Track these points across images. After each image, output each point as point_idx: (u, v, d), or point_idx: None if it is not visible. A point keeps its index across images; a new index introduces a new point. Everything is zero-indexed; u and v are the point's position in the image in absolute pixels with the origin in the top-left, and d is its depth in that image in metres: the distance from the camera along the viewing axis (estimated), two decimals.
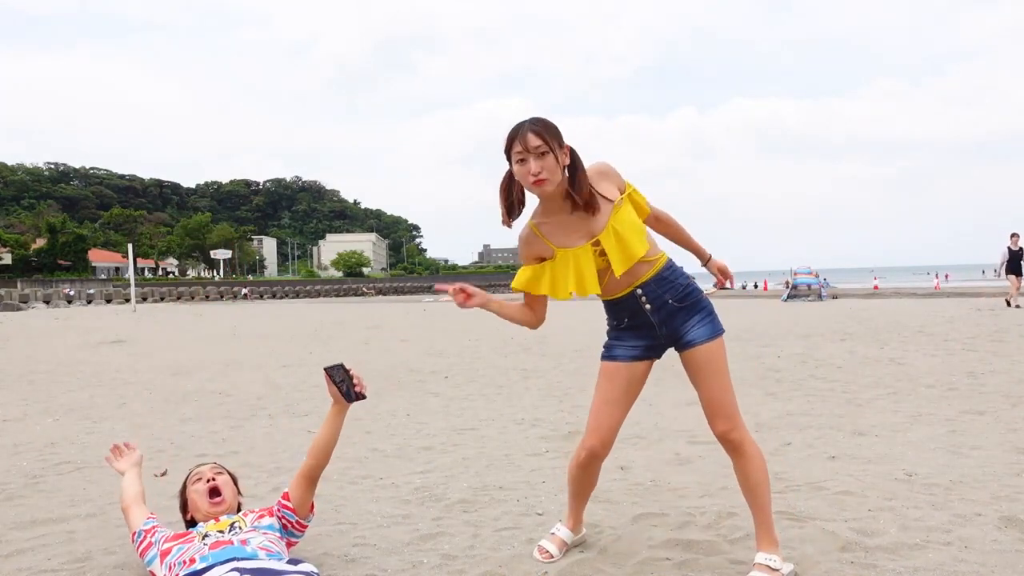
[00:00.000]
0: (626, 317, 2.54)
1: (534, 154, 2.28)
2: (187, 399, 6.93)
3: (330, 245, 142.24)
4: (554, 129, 2.33)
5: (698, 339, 2.47)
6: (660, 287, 2.47)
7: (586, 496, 2.82)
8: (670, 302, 2.47)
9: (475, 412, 5.86)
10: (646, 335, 2.54)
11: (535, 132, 2.29)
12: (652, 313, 2.49)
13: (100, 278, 75.74)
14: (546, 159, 2.29)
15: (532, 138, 2.28)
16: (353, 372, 2.71)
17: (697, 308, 2.50)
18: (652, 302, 2.48)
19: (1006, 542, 2.73)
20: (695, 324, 2.48)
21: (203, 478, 2.71)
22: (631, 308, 2.51)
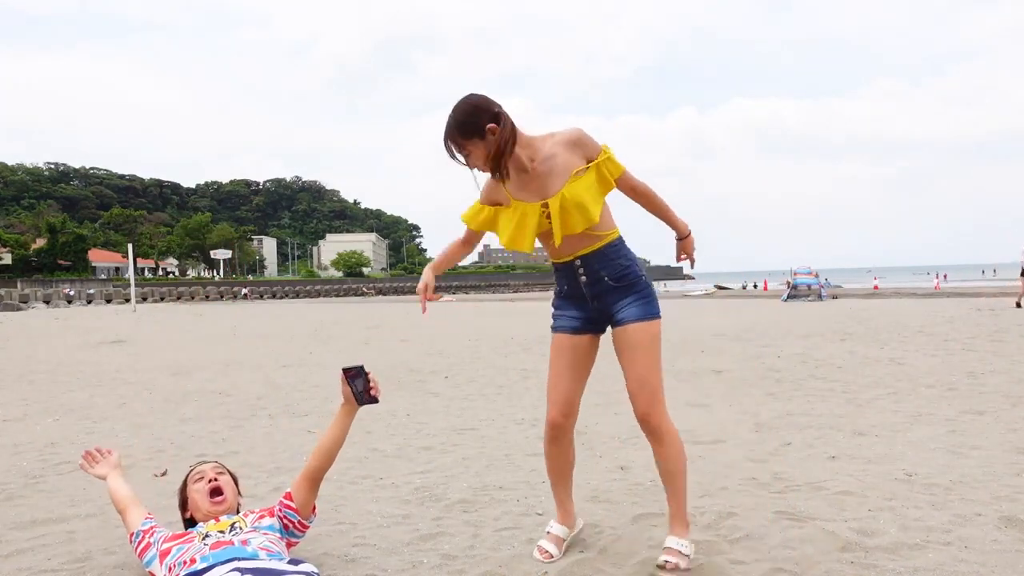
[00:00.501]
0: (565, 285, 2.65)
1: (462, 154, 2.45)
2: (187, 399, 6.93)
3: (330, 245, 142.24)
4: (464, 126, 2.41)
5: (628, 318, 2.53)
6: (599, 262, 2.55)
7: (566, 478, 2.81)
8: (606, 279, 2.55)
9: (475, 412, 5.86)
10: (581, 306, 2.63)
11: (448, 142, 2.45)
12: (586, 286, 2.58)
13: (100, 278, 75.74)
14: (472, 156, 2.45)
15: (451, 147, 2.46)
16: (371, 375, 2.74)
17: (633, 290, 2.56)
18: (588, 275, 2.56)
19: (1006, 542, 2.73)
20: (628, 304, 2.54)
21: (205, 477, 2.71)
22: (568, 277, 2.61)
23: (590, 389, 8.46)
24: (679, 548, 2.54)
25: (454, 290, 77.06)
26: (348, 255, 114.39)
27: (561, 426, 2.68)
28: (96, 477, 2.98)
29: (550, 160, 2.47)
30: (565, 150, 2.47)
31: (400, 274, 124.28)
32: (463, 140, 2.41)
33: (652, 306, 2.56)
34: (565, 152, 2.47)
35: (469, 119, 2.40)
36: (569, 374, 2.66)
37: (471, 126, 2.40)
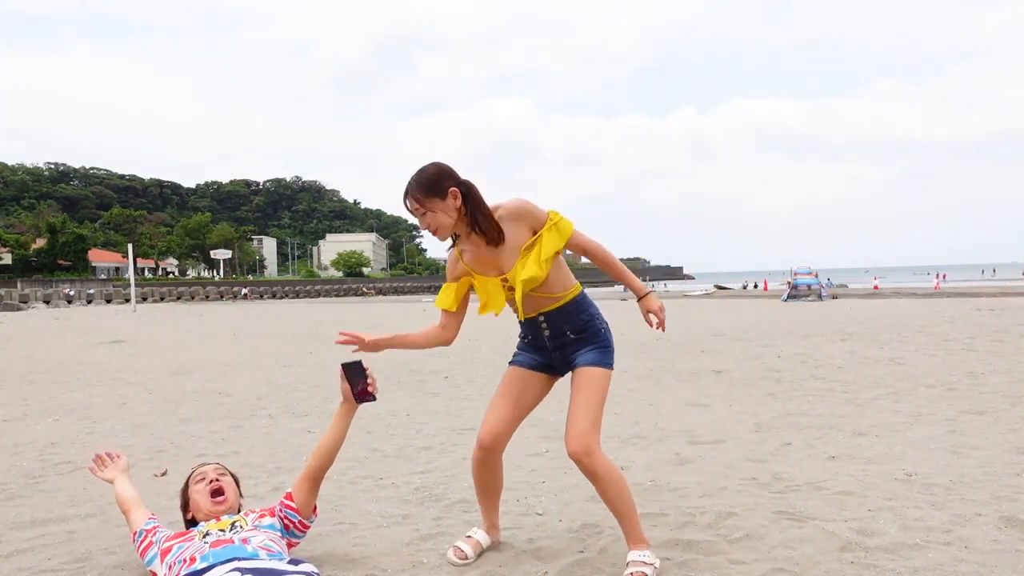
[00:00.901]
0: (529, 335, 2.77)
1: (417, 215, 2.51)
2: (187, 399, 6.93)
3: (330, 245, 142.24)
4: (427, 185, 2.46)
5: (582, 362, 2.62)
6: (561, 318, 2.65)
7: (492, 495, 2.86)
8: (568, 333, 2.66)
9: (475, 412, 5.86)
10: (544, 355, 2.74)
11: (409, 198, 2.50)
12: (549, 339, 2.69)
13: (100, 278, 75.74)
14: (428, 217, 2.49)
15: (410, 203, 2.51)
16: (369, 371, 2.73)
17: (592, 340, 2.65)
18: (551, 329, 2.67)
19: (1006, 542, 2.73)
20: (585, 351, 2.64)
21: (206, 478, 2.71)
22: (532, 330, 2.73)
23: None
24: (642, 559, 2.54)
25: None
26: (348, 255, 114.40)
27: (489, 449, 2.72)
28: (104, 481, 2.98)
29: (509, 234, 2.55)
30: (511, 224, 2.52)
31: (400, 274, 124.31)
32: (423, 197, 2.46)
33: (608, 357, 2.64)
34: (511, 226, 2.52)
35: (432, 179, 2.46)
36: (511, 403, 2.73)
37: (434, 186, 2.46)
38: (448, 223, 2.49)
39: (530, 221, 2.55)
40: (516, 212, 2.53)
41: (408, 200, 2.50)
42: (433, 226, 2.50)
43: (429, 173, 2.47)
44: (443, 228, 2.50)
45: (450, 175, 2.48)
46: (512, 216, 2.52)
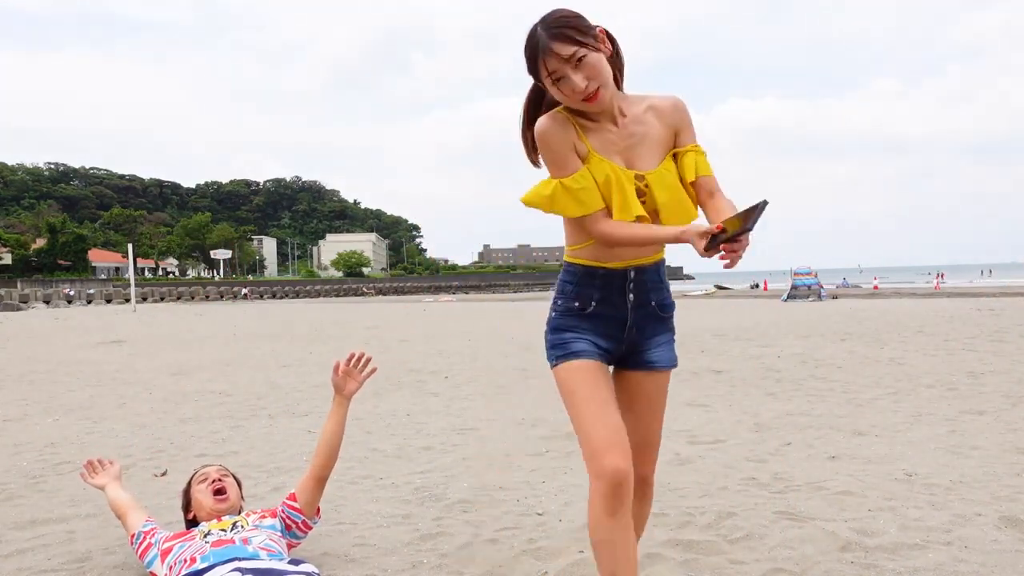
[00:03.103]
0: (596, 298, 1.94)
1: (571, 64, 1.75)
2: (187, 399, 6.93)
3: (330, 245, 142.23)
4: (580, 21, 1.78)
5: (660, 362, 2.02)
6: (652, 280, 1.98)
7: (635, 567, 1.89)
8: (653, 304, 1.99)
9: (475, 412, 5.86)
10: (611, 333, 1.97)
11: (562, 39, 1.75)
12: (633, 307, 1.96)
13: (100, 278, 75.75)
14: (587, 62, 1.75)
15: (561, 47, 1.74)
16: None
17: (670, 326, 2.08)
18: (638, 294, 1.95)
19: (1006, 542, 2.73)
20: (663, 343, 2.03)
21: (209, 478, 2.72)
22: (608, 290, 1.94)
23: None
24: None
25: (454, 290, 77.03)
26: (348, 255, 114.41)
27: (626, 476, 1.80)
28: (95, 487, 2.97)
29: (641, 125, 1.90)
30: (659, 120, 1.91)
31: (400, 274, 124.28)
32: (580, 35, 1.75)
33: (675, 351, 2.09)
34: (659, 123, 1.91)
35: (578, 17, 1.79)
36: (614, 407, 1.91)
37: (584, 21, 1.79)
38: (610, 74, 1.80)
39: (680, 130, 1.93)
40: (671, 109, 1.92)
41: (554, 47, 1.75)
42: (596, 75, 1.77)
43: (568, 11, 1.80)
44: (607, 81, 1.79)
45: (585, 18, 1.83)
46: (664, 112, 1.92)
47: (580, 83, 1.76)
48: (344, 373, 2.72)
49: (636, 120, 1.91)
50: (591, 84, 1.77)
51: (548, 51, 1.75)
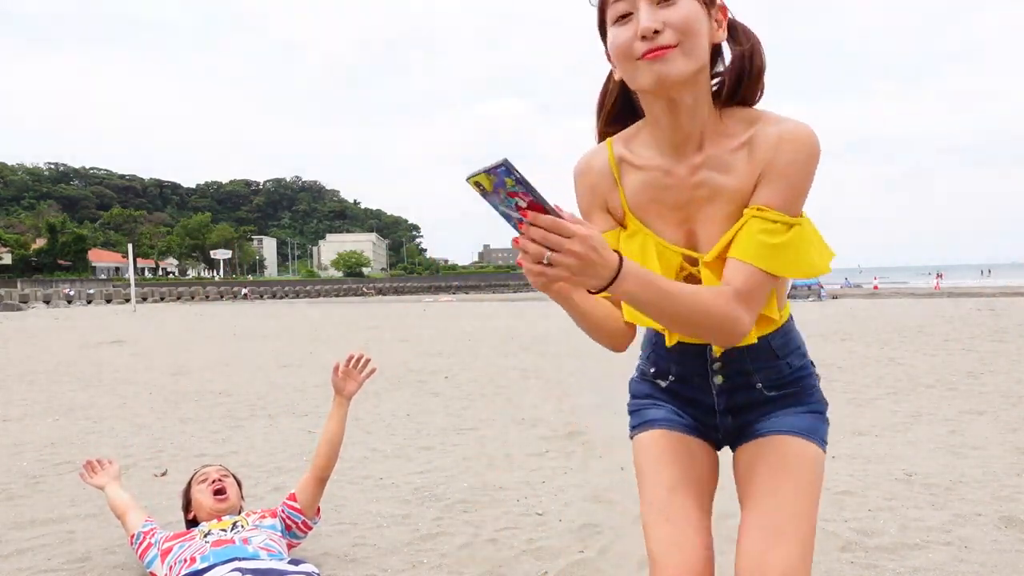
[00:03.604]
0: (675, 372, 1.50)
1: (647, 4, 1.17)
2: (187, 399, 6.93)
3: (330, 245, 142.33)
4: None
5: (779, 428, 1.42)
6: (754, 361, 1.43)
7: None
8: (758, 386, 1.44)
9: (475, 412, 5.86)
10: (699, 410, 1.50)
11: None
12: (720, 392, 1.46)
13: (100, 278, 75.74)
14: (676, 8, 1.17)
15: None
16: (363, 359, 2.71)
17: (798, 399, 1.46)
18: (728, 376, 1.45)
19: (1006, 542, 2.73)
20: (782, 414, 1.44)
21: (209, 479, 2.72)
22: (689, 366, 1.47)
23: (589, 388, 8.38)
24: None
25: (454, 290, 77.01)
26: (348, 255, 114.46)
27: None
28: (94, 487, 2.97)
29: (722, 171, 1.27)
30: (749, 163, 1.25)
31: (400, 274, 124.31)
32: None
33: (820, 425, 1.45)
34: (748, 168, 1.25)
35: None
36: (693, 492, 1.41)
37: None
38: (700, 50, 1.19)
39: (769, 167, 1.23)
40: (778, 139, 1.23)
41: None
42: (681, 27, 1.17)
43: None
44: (695, 48, 1.18)
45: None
46: (764, 144, 1.24)
47: (648, 21, 1.15)
48: (344, 374, 2.72)
49: (717, 162, 1.27)
50: (666, 33, 1.16)
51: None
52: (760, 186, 1.25)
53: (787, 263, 1.25)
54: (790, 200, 1.24)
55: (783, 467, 1.37)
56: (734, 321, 1.23)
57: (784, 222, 1.23)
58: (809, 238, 1.27)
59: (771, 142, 1.23)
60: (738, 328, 1.24)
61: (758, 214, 1.24)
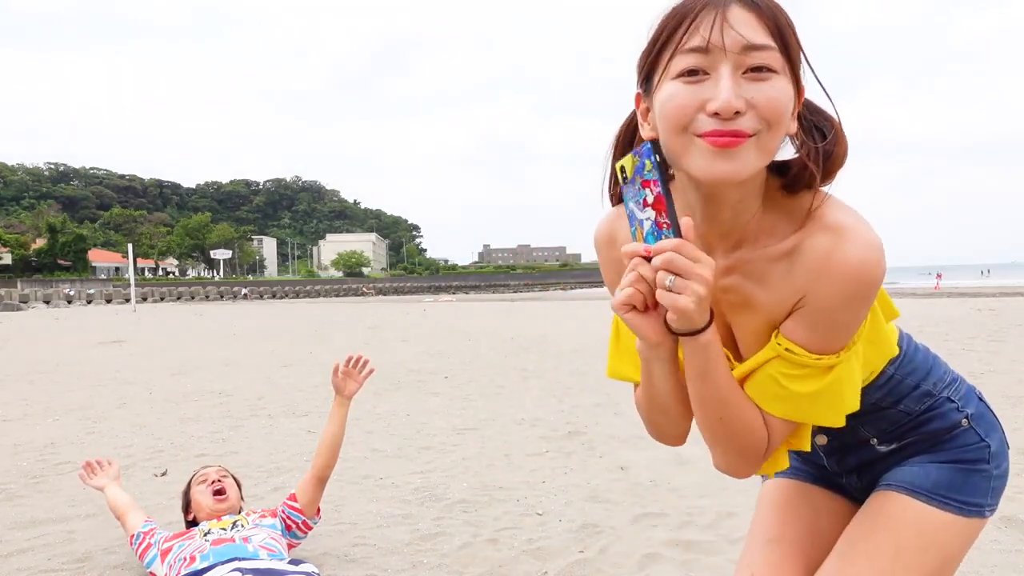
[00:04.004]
0: None
1: (739, 63, 0.91)
2: (187, 399, 6.93)
3: (330, 245, 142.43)
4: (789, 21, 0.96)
5: (894, 481, 1.22)
6: (857, 420, 1.19)
7: None
8: (873, 443, 1.25)
9: (475, 412, 5.86)
10: (822, 470, 1.38)
11: (760, 11, 0.93)
12: (827, 452, 1.32)
13: (100, 278, 75.79)
14: (771, 84, 0.92)
15: (752, 21, 0.92)
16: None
17: (928, 448, 1.22)
18: (832, 433, 1.27)
19: (1006, 542, 2.74)
20: (912, 463, 1.22)
21: (208, 479, 2.72)
22: None
23: (590, 388, 8.38)
24: None
25: (454, 290, 77.04)
26: (348, 255, 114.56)
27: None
28: (94, 488, 2.97)
29: (758, 280, 1.05)
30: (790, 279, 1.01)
31: (400, 274, 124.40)
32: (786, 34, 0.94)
33: (960, 478, 1.20)
34: (787, 283, 1.02)
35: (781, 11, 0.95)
36: (796, 550, 1.29)
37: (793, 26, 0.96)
38: (774, 145, 0.95)
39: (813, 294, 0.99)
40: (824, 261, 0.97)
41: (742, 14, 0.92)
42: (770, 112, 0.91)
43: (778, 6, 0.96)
44: (773, 143, 0.94)
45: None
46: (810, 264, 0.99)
47: (732, 97, 0.89)
48: (344, 374, 2.74)
49: (751, 269, 1.04)
50: (747, 117, 0.90)
51: (725, 11, 0.91)
52: (793, 318, 1.02)
53: (811, 412, 1.06)
54: (830, 340, 1.01)
55: (884, 529, 1.17)
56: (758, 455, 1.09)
57: (816, 367, 1.01)
58: (850, 374, 1.04)
59: (816, 265, 0.97)
60: (750, 467, 1.12)
61: (785, 355, 1.02)
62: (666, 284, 0.90)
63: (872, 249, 0.96)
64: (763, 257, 1.03)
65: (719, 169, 0.91)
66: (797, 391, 1.03)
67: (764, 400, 1.06)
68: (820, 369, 1.02)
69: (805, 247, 0.99)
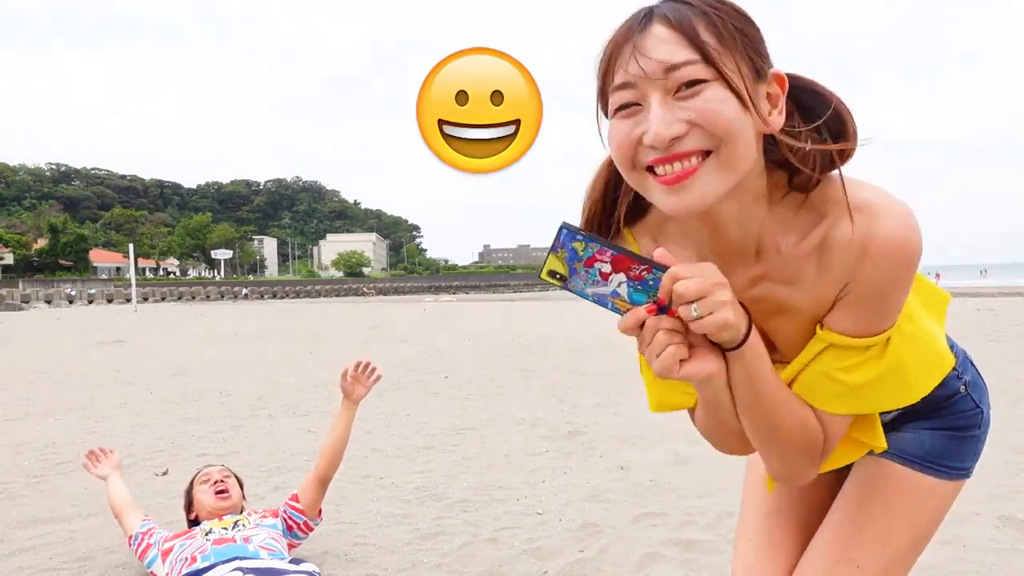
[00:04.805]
0: None
1: (665, 85, 0.87)
2: (187, 399, 6.94)
3: (330, 245, 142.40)
4: (733, 21, 0.89)
5: (901, 451, 1.20)
6: None
7: None
8: None
9: (475, 412, 5.87)
10: None
11: (677, 26, 0.88)
12: None
13: (101, 278, 75.80)
14: (703, 97, 0.86)
15: (667, 37, 0.88)
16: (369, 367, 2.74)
17: (931, 410, 1.20)
18: None
19: (1004, 541, 2.74)
20: (915, 428, 1.21)
21: (211, 479, 2.73)
22: None
23: (590, 388, 8.36)
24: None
25: (454, 290, 77.06)
26: (348, 255, 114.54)
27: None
28: (97, 477, 2.99)
29: (787, 282, 1.00)
30: (824, 274, 0.97)
31: (400, 274, 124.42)
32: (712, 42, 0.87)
33: (954, 446, 1.21)
34: (821, 279, 0.97)
35: (737, 17, 0.90)
36: (795, 520, 1.30)
37: (739, 30, 0.90)
38: (749, 153, 0.89)
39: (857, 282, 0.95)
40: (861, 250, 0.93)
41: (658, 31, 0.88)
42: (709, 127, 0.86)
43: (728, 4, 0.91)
44: (732, 159, 0.88)
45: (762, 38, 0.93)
46: (844, 254, 0.94)
47: (661, 126, 0.86)
48: (352, 378, 2.74)
49: (780, 273, 1.00)
50: (692, 136, 0.87)
51: (640, 40, 0.88)
52: (838, 308, 0.98)
53: (874, 400, 1.03)
54: (879, 320, 0.97)
55: (881, 496, 1.19)
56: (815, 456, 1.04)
57: (870, 352, 0.98)
58: (909, 350, 1.01)
59: (850, 253, 0.93)
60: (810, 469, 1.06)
61: (834, 348, 0.98)
62: (693, 315, 0.85)
63: (906, 219, 0.93)
64: (790, 258, 0.98)
65: (680, 204, 0.88)
66: (855, 382, 0.99)
67: (820, 399, 1.02)
68: (875, 353, 0.98)
69: (835, 236, 0.94)
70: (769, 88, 0.92)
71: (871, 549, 1.16)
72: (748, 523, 1.31)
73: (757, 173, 0.94)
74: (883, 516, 1.17)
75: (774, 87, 0.93)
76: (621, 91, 0.90)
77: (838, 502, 1.23)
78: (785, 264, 0.98)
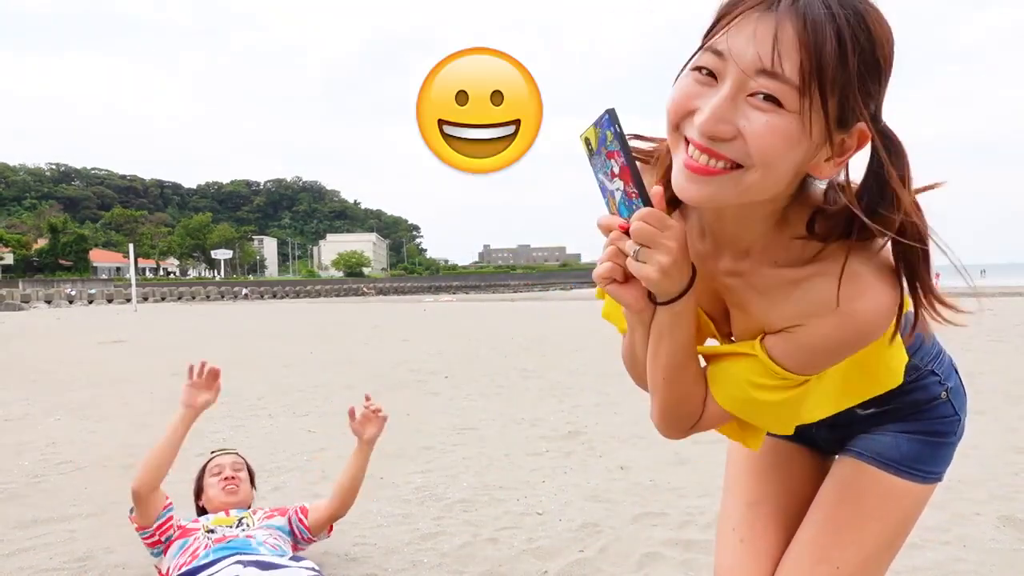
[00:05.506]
0: None
1: (742, 84, 0.83)
2: None
3: (330, 245, 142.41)
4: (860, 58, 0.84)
5: (864, 450, 1.24)
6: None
7: None
8: (856, 409, 1.21)
9: (475, 412, 5.87)
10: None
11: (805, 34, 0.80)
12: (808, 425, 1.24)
13: (101, 278, 75.80)
14: (766, 120, 0.82)
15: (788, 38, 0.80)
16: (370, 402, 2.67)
17: (904, 416, 1.22)
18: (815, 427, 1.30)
19: (1004, 541, 2.74)
20: (882, 431, 1.24)
21: (222, 472, 2.73)
22: None
23: (590, 388, 8.36)
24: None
25: (454, 290, 77.06)
26: (348, 255, 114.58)
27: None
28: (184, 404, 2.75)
29: (758, 287, 1.03)
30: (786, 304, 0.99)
31: (400, 274, 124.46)
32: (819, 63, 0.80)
33: (928, 451, 1.23)
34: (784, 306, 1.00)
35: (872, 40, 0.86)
36: (777, 509, 1.33)
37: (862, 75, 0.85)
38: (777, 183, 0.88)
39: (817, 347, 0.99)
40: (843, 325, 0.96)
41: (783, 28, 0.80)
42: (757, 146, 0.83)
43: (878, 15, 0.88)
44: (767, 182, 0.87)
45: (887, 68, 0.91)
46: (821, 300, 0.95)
47: (712, 120, 0.84)
48: (363, 418, 2.64)
49: (757, 279, 1.02)
50: (734, 144, 0.84)
51: (763, 23, 0.82)
52: (782, 336, 1.01)
53: (762, 418, 1.10)
54: (808, 367, 1.02)
55: (853, 499, 1.24)
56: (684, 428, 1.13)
57: (788, 382, 1.03)
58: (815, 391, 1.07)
59: (823, 306, 0.95)
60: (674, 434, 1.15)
61: (763, 361, 1.02)
62: (629, 253, 0.92)
63: (884, 310, 0.95)
64: (771, 273, 1.00)
65: (688, 191, 0.89)
66: (757, 398, 1.05)
67: (721, 390, 1.08)
68: (787, 384, 1.03)
69: (817, 284, 0.95)
70: (847, 137, 0.89)
71: (849, 549, 1.22)
72: (730, 513, 1.34)
73: (779, 198, 0.95)
74: (858, 518, 1.23)
75: (852, 139, 0.89)
76: (710, 54, 0.86)
77: (818, 499, 1.27)
78: (764, 276, 1.01)
